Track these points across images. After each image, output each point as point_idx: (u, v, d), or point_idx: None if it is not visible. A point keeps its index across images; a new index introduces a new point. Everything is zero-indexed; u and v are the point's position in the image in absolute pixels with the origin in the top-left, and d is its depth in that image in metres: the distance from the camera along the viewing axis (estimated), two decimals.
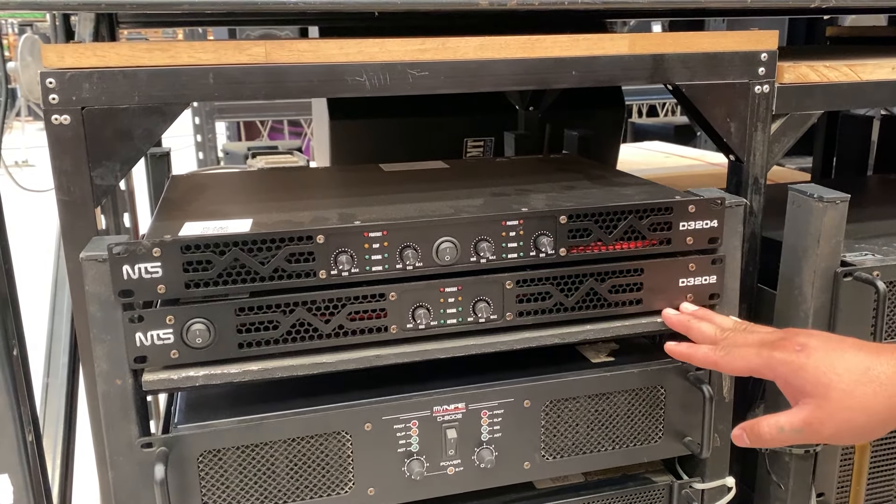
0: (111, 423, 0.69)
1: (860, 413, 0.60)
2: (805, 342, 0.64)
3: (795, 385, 0.63)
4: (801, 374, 0.62)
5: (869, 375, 0.60)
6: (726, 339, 0.71)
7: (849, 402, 0.60)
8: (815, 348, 0.63)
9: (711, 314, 0.77)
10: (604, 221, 0.76)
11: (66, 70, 0.67)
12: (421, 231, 0.72)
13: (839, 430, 0.61)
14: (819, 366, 0.62)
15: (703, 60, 0.82)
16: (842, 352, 0.62)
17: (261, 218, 0.74)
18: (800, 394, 0.63)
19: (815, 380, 0.62)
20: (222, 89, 0.70)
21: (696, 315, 0.77)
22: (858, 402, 0.60)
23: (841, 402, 0.60)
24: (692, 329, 0.75)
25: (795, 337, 0.65)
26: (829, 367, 0.61)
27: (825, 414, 0.61)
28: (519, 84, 0.77)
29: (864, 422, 0.60)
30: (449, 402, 0.76)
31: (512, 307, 0.75)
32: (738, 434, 0.68)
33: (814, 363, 0.62)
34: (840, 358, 0.62)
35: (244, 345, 0.69)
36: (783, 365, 0.64)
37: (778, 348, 0.65)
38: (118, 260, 0.65)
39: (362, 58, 0.73)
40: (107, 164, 0.70)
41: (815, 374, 0.62)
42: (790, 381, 0.64)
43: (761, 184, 0.87)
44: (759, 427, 0.65)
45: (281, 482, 0.73)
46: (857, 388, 0.60)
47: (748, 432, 0.66)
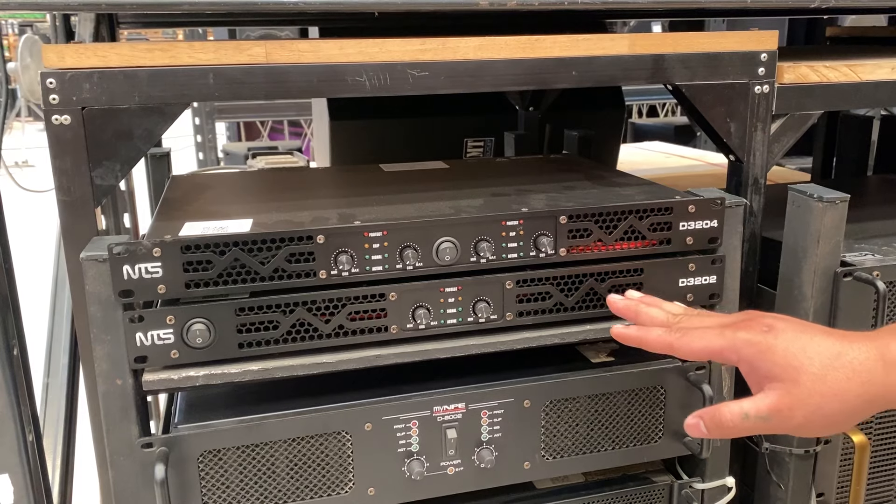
0: (111, 423, 0.69)
1: (832, 399, 0.56)
2: (772, 323, 0.59)
3: (762, 368, 0.58)
4: (768, 355, 0.58)
5: (841, 360, 0.56)
6: (679, 321, 0.66)
7: (820, 387, 0.56)
8: (783, 329, 0.59)
9: (660, 301, 0.71)
10: (604, 221, 0.76)
11: (66, 70, 0.67)
12: (421, 231, 0.72)
13: (809, 419, 0.57)
14: (789, 347, 0.57)
15: (703, 60, 0.82)
16: (811, 335, 0.58)
17: (261, 218, 0.74)
18: (766, 378, 0.58)
19: (784, 362, 0.57)
20: (222, 89, 0.70)
21: (644, 301, 0.72)
22: (830, 388, 0.56)
23: (812, 387, 0.56)
24: (641, 314, 0.69)
25: (760, 318, 0.61)
26: (800, 350, 0.57)
27: (795, 400, 0.56)
28: (519, 84, 0.77)
29: (835, 409, 0.56)
30: (449, 403, 0.76)
31: (512, 307, 0.75)
32: (693, 423, 0.61)
33: (783, 345, 0.57)
34: (811, 341, 0.57)
35: (244, 345, 0.69)
36: (749, 346, 0.59)
37: (742, 329, 0.60)
38: (118, 260, 0.65)
39: (362, 58, 0.73)
40: (107, 164, 0.70)
41: (784, 356, 0.57)
42: (756, 363, 0.58)
43: (761, 184, 0.87)
44: (719, 414, 0.59)
45: (281, 482, 0.73)
46: (829, 372, 0.56)
47: (707, 420, 0.60)
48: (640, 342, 0.67)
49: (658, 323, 0.67)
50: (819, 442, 0.86)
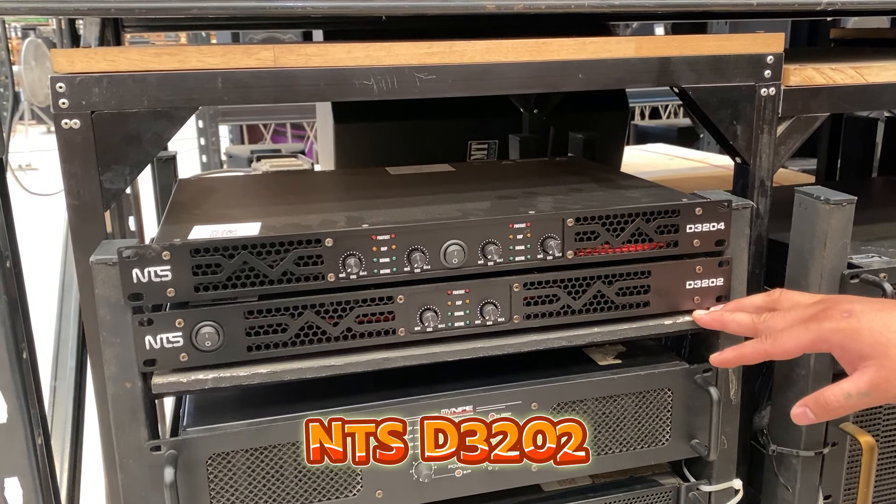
0: (120, 426, 0.69)
1: None
2: (850, 308, 0.64)
3: (853, 350, 0.63)
4: (856, 337, 0.63)
5: None
6: (765, 323, 0.70)
7: None
8: (863, 311, 0.64)
9: (739, 301, 0.77)
10: (611, 224, 0.76)
11: (76, 74, 0.67)
12: (428, 234, 0.72)
13: None
14: (873, 326, 0.62)
15: (710, 63, 0.82)
16: (890, 311, 0.63)
17: (269, 221, 0.74)
18: (858, 358, 0.63)
19: (872, 340, 0.62)
20: (231, 93, 0.71)
21: (727, 308, 0.77)
22: None
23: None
24: (727, 322, 0.75)
25: (837, 305, 0.66)
26: (884, 326, 0.62)
27: (889, 372, 0.61)
28: (526, 87, 0.78)
29: None
30: (457, 405, 0.76)
31: (519, 310, 0.75)
32: (799, 412, 0.66)
33: (867, 325, 0.63)
34: (891, 317, 0.63)
35: (253, 348, 0.69)
36: (836, 333, 0.64)
37: (825, 319, 0.65)
38: (128, 263, 0.65)
39: (370, 62, 0.73)
40: (116, 167, 0.70)
41: (871, 335, 0.62)
42: (847, 346, 0.64)
43: (767, 186, 0.87)
44: (824, 398, 0.65)
45: (289, 485, 0.73)
46: None
47: (813, 406, 0.65)
48: (740, 360, 0.72)
49: (746, 328, 0.73)
50: (826, 444, 0.86)
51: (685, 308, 0.80)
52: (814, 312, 0.67)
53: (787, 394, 0.86)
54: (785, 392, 0.86)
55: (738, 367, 0.83)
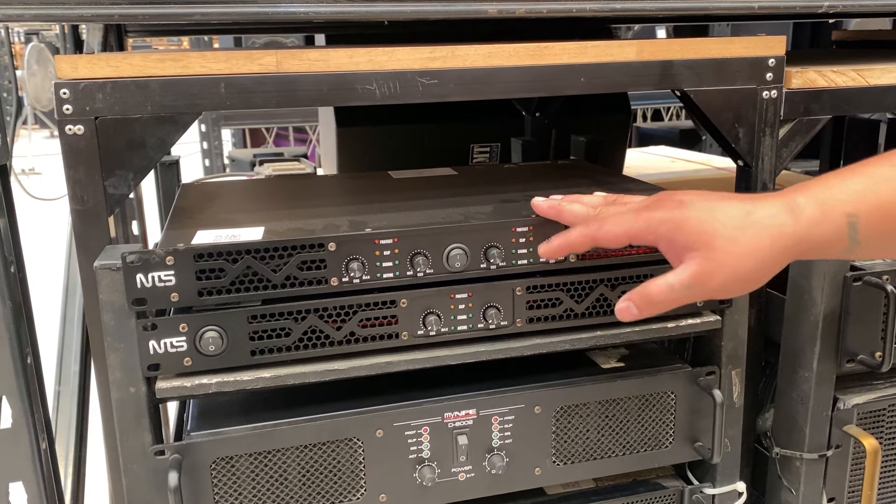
0: (125, 430, 0.69)
1: (747, 258, 0.58)
2: (682, 199, 0.61)
3: (679, 242, 0.60)
4: (683, 228, 0.60)
5: (751, 219, 0.58)
6: (600, 215, 0.68)
7: (734, 247, 0.58)
8: (693, 201, 0.61)
9: (580, 196, 0.73)
10: None
11: (79, 81, 0.68)
12: (431, 238, 0.72)
13: (728, 280, 0.59)
14: (700, 216, 0.59)
15: (711, 66, 0.82)
16: (720, 202, 0.60)
17: (272, 226, 0.75)
18: (684, 250, 0.60)
19: (698, 230, 0.59)
20: (234, 98, 0.71)
21: (566, 199, 0.73)
22: (744, 247, 0.58)
23: (726, 249, 0.58)
24: (564, 212, 0.71)
25: (672, 196, 0.63)
26: (711, 216, 0.59)
27: (713, 264, 0.58)
28: (528, 91, 0.78)
29: (752, 266, 0.58)
30: (460, 409, 0.76)
31: (522, 313, 0.75)
32: (623, 306, 0.63)
33: (695, 214, 0.59)
34: (720, 207, 0.59)
35: (256, 352, 0.70)
36: (664, 224, 0.61)
37: (656, 209, 0.62)
38: (132, 269, 0.65)
39: (372, 66, 0.73)
40: (120, 173, 0.70)
41: (697, 224, 0.59)
42: (673, 238, 0.60)
43: (770, 189, 0.87)
44: (647, 292, 0.62)
45: (293, 489, 0.73)
46: (740, 232, 0.58)
47: (636, 299, 0.62)
48: (567, 246, 0.69)
49: (581, 218, 0.69)
50: (830, 446, 0.86)
51: (688, 311, 0.80)
52: (647, 203, 0.64)
53: (791, 396, 0.86)
54: (788, 394, 0.86)
55: (741, 371, 0.83)
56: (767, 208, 0.59)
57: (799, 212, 0.58)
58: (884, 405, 0.89)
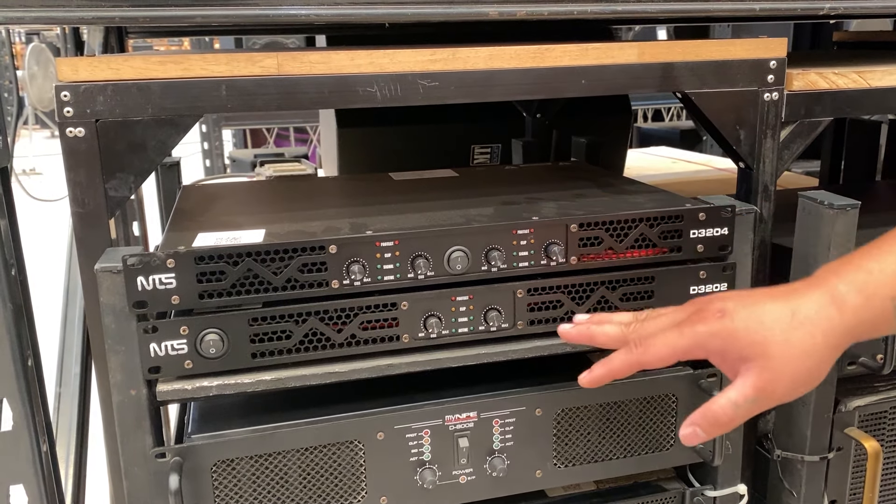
0: (125, 433, 0.69)
1: (804, 359, 0.57)
2: (723, 308, 0.59)
3: (732, 353, 0.58)
4: (733, 340, 0.58)
5: (798, 318, 0.57)
6: (635, 332, 0.63)
7: (789, 351, 0.57)
8: (736, 309, 0.59)
9: (608, 315, 0.69)
10: (614, 230, 0.76)
11: (80, 83, 0.68)
12: (432, 240, 0.72)
13: (791, 384, 0.58)
14: (748, 324, 0.58)
15: (712, 68, 0.82)
16: (762, 304, 0.58)
17: (273, 228, 0.75)
18: (738, 361, 0.58)
19: (750, 340, 0.57)
20: (235, 101, 0.71)
21: (593, 320, 0.69)
22: (798, 349, 0.57)
23: (782, 354, 0.57)
24: (595, 335, 0.67)
25: (708, 305, 0.60)
26: (758, 324, 0.57)
27: (773, 373, 0.57)
28: (529, 93, 0.78)
29: (810, 365, 0.57)
30: (461, 411, 0.76)
31: (523, 316, 0.75)
32: (689, 432, 0.60)
33: (742, 324, 0.58)
34: (764, 310, 0.58)
35: (257, 354, 0.70)
36: (713, 337, 0.59)
37: (699, 321, 0.60)
38: (133, 271, 0.65)
39: (373, 69, 0.73)
40: (121, 175, 0.70)
41: (746, 334, 0.58)
42: (725, 350, 0.59)
43: (771, 191, 0.87)
44: (711, 413, 0.59)
45: (294, 491, 0.73)
46: (791, 335, 0.57)
47: (702, 423, 0.60)
48: (610, 375, 0.65)
49: (615, 339, 0.65)
50: (831, 449, 0.86)
51: None
52: (686, 315, 0.61)
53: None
54: None
55: None
56: (811, 303, 0.57)
57: (842, 302, 0.57)
58: (885, 407, 0.89)
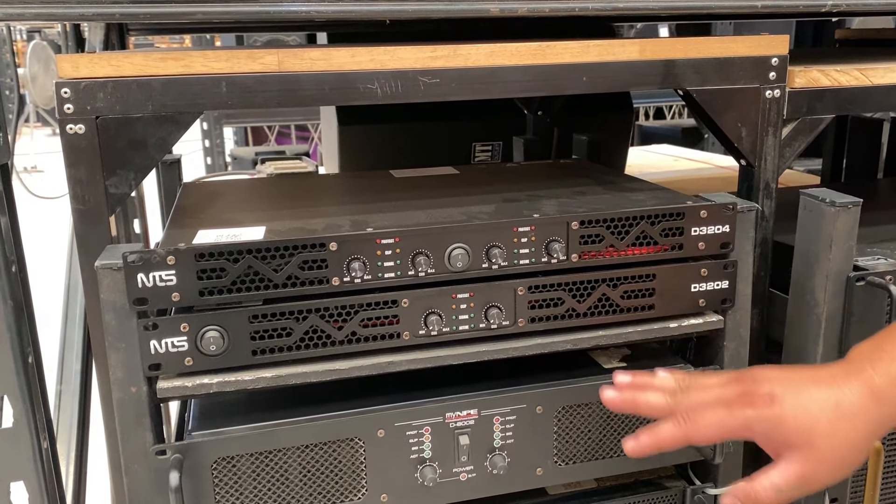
0: (126, 430, 0.69)
1: (847, 449, 0.60)
2: (771, 391, 0.61)
3: (778, 439, 0.61)
4: (782, 427, 0.60)
5: (842, 410, 0.60)
6: (682, 404, 0.64)
7: (834, 443, 0.59)
8: (784, 395, 0.61)
9: (648, 379, 0.68)
10: (616, 227, 0.76)
11: (80, 80, 0.68)
12: (433, 238, 0.72)
13: (833, 472, 0.60)
14: (796, 413, 0.60)
15: (714, 65, 0.82)
16: (808, 391, 0.61)
17: (274, 225, 0.75)
18: (783, 446, 0.61)
19: (797, 429, 0.60)
20: (235, 98, 0.71)
21: (636, 385, 0.67)
22: (842, 441, 0.59)
23: (827, 446, 0.59)
24: (640, 405, 0.66)
25: (757, 387, 0.62)
26: (805, 412, 0.60)
27: (816, 462, 0.60)
28: (530, 91, 0.78)
29: (851, 455, 0.60)
30: (461, 409, 0.76)
31: (524, 313, 0.75)
32: (729, 502, 0.62)
33: (790, 412, 0.60)
34: (810, 399, 0.60)
35: (258, 352, 0.69)
36: (762, 422, 0.61)
37: (748, 405, 0.61)
38: (133, 268, 0.65)
39: (374, 65, 0.73)
40: (121, 172, 0.70)
41: (794, 423, 0.60)
42: (772, 436, 0.61)
43: (773, 188, 0.87)
44: (755, 492, 0.61)
45: (294, 489, 0.73)
46: (836, 426, 0.59)
47: (743, 498, 0.61)
48: (658, 447, 0.64)
49: (660, 410, 0.65)
50: None
51: (690, 311, 0.80)
52: (735, 395, 0.62)
53: None
54: None
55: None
56: (853, 395, 0.60)
57: (882, 395, 0.60)
58: None
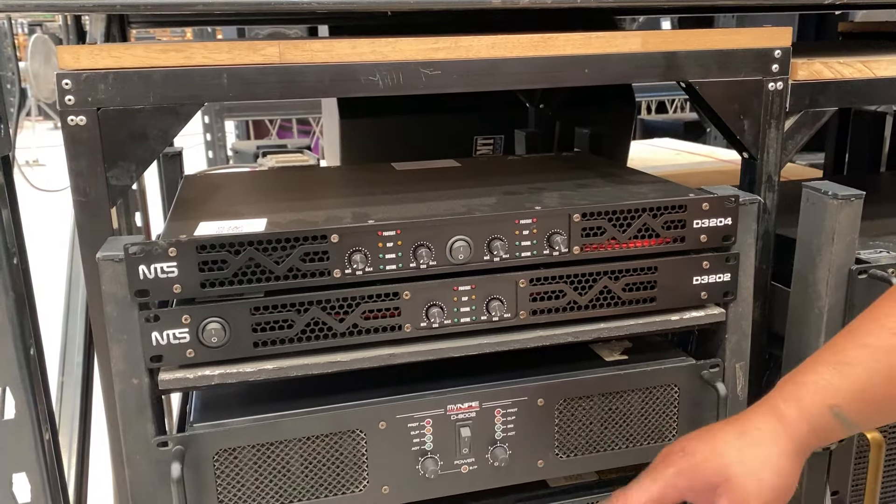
0: (128, 422, 0.69)
1: (762, 471, 0.60)
2: (684, 446, 0.64)
3: (701, 486, 0.62)
4: (698, 472, 0.62)
5: (747, 439, 0.61)
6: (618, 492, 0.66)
7: (747, 468, 0.60)
8: (695, 445, 0.63)
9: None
10: (617, 220, 0.76)
11: (81, 71, 0.67)
12: (434, 230, 0.72)
13: (764, 498, 0.60)
14: (706, 456, 0.62)
15: (716, 58, 0.82)
16: (714, 433, 0.63)
17: (275, 217, 0.74)
18: (709, 492, 0.62)
19: (712, 470, 0.61)
20: (236, 89, 0.71)
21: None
22: (755, 464, 0.60)
23: (742, 473, 0.60)
24: None
25: (671, 449, 0.65)
26: (713, 452, 0.62)
27: (741, 491, 0.60)
28: (532, 83, 0.77)
29: (772, 477, 0.60)
30: (463, 401, 0.76)
31: (525, 305, 0.75)
32: None
33: (701, 456, 0.62)
34: (716, 439, 0.62)
35: (259, 344, 0.69)
36: (680, 476, 0.62)
37: (667, 466, 0.63)
38: (134, 260, 0.65)
39: (375, 57, 0.73)
40: (122, 164, 0.70)
41: (706, 465, 0.61)
42: (694, 486, 0.62)
43: (775, 181, 0.87)
44: None
45: (296, 480, 0.73)
46: (745, 454, 0.61)
47: None
48: None
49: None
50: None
51: (692, 304, 0.80)
52: (656, 464, 0.65)
53: None
54: None
55: (745, 365, 0.83)
56: (758, 423, 0.62)
57: (783, 416, 0.61)
58: None
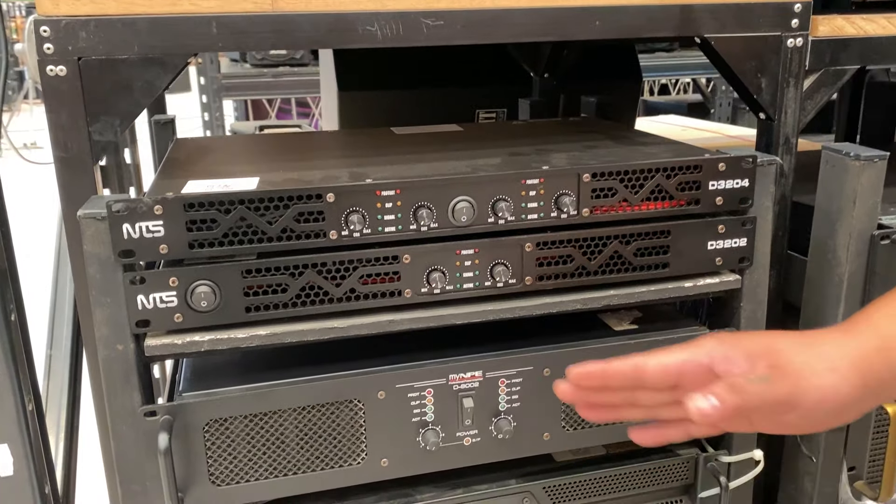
0: (112, 390, 0.66)
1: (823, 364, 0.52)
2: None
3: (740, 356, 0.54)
4: (741, 344, 0.55)
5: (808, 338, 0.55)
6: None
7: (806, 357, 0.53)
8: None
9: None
10: (629, 180, 0.72)
11: (60, 18, 0.64)
12: (436, 190, 0.68)
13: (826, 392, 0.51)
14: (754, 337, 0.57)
15: (734, 11, 0.78)
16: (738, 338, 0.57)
17: (268, 177, 0.71)
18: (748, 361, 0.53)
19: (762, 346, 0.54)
20: (226, 39, 0.67)
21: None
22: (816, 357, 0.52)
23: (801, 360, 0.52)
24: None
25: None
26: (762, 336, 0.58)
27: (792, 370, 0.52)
28: (539, 35, 0.73)
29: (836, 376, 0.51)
30: (465, 370, 0.72)
31: (531, 271, 0.72)
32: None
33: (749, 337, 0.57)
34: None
35: (251, 308, 0.66)
36: (721, 343, 0.55)
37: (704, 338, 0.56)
38: (118, 218, 0.61)
39: (374, 6, 0.69)
40: (105, 118, 0.66)
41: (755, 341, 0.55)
42: (732, 354, 0.54)
43: (793, 143, 0.83)
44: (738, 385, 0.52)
45: (290, 452, 0.70)
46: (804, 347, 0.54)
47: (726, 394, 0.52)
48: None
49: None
50: None
51: (706, 270, 0.76)
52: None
53: None
54: None
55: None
56: (820, 332, 0.56)
57: (850, 328, 0.55)
58: None
